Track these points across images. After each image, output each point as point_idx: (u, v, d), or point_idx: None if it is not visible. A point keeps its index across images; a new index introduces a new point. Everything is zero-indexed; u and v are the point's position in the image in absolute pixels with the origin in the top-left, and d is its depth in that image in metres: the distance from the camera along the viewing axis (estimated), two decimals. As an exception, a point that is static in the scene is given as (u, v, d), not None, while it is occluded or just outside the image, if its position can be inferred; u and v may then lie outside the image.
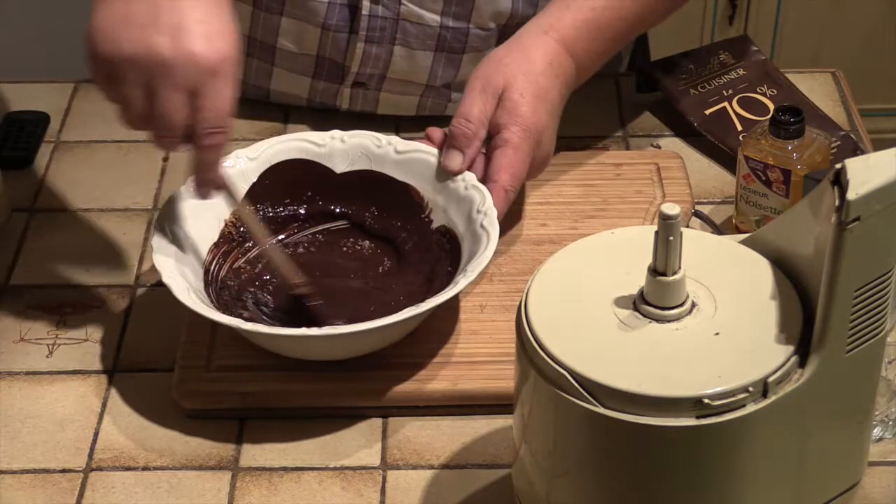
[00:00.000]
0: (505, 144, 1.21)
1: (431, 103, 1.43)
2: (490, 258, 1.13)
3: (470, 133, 1.21)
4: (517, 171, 1.21)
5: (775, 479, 0.92)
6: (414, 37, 1.37)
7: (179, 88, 1.06)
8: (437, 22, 1.37)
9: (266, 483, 1.09)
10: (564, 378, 0.89)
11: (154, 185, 1.38)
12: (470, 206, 1.19)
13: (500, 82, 1.23)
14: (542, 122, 1.23)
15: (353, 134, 1.26)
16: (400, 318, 1.09)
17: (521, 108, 1.21)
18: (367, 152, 1.25)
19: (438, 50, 1.39)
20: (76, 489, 1.09)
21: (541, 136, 1.23)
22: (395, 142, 1.25)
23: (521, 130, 1.21)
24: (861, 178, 0.85)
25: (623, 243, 0.99)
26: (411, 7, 1.36)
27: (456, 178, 1.21)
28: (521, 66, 1.23)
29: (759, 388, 0.88)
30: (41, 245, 1.31)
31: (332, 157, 1.26)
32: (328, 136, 1.26)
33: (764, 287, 0.94)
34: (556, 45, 1.26)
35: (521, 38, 1.27)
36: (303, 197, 1.26)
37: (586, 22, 1.27)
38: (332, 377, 1.15)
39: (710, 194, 1.36)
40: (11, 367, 1.19)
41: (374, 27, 1.36)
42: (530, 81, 1.23)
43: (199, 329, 1.18)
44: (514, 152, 1.21)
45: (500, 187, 1.20)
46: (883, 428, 1.11)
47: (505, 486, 1.07)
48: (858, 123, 1.43)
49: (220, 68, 1.06)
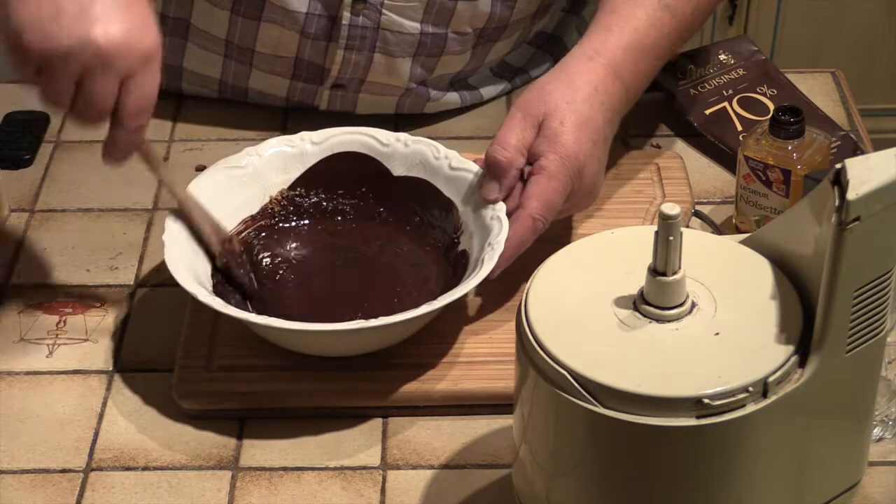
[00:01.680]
0: (540, 172, 1.17)
1: (410, 102, 1.44)
2: (469, 289, 1.12)
3: (505, 162, 1.18)
4: (549, 200, 1.17)
5: (775, 479, 0.92)
6: (394, 45, 1.37)
7: (114, 76, 1.08)
8: (417, 29, 1.36)
9: (266, 483, 1.09)
10: (564, 378, 0.89)
11: (154, 185, 1.37)
12: (487, 235, 1.18)
13: (542, 110, 1.19)
14: (585, 150, 1.18)
15: (415, 140, 1.26)
16: (399, 319, 1.09)
17: (561, 137, 1.17)
18: (425, 161, 1.25)
19: (417, 55, 1.39)
20: (76, 489, 1.09)
21: (582, 165, 1.18)
22: (451, 156, 1.24)
23: (558, 158, 1.17)
24: (861, 178, 0.85)
25: (623, 243, 0.99)
26: (392, 16, 1.35)
27: (488, 206, 1.20)
28: (564, 94, 1.20)
29: (759, 388, 0.88)
30: (41, 245, 1.31)
31: (393, 158, 1.26)
32: (394, 136, 1.26)
33: (764, 287, 0.94)
34: (603, 70, 1.22)
35: (565, 66, 1.23)
36: (357, 192, 1.27)
37: (631, 43, 1.24)
38: (332, 377, 1.15)
39: (710, 194, 1.36)
40: (11, 367, 1.19)
41: (355, 36, 1.36)
42: (573, 109, 1.19)
43: (199, 329, 1.18)
44: (548, 181, 1.17)
45: (527, 214, 1.16)
46: (883, 428, 1.11)
47: (505, 486, 1.07)
48: (858, 123, 1.43)
49: (152, 55, 1.09)
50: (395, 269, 1.23)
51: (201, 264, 1.18)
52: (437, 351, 1.17)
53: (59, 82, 1.07)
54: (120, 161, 1.15)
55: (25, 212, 1.35)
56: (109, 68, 1.07)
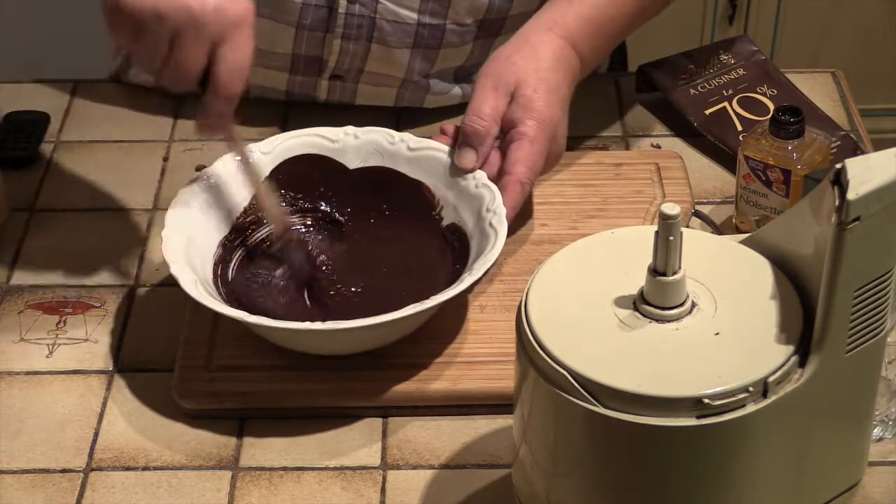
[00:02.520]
0: (521, 138, 1.22)
1: (410, 95, 1.44)
2: (497, 256, 1.13)
3: (482, 130, 1.22)
4: (534, 164, 1.22)
5: (775, 478, 0.92)
6: (391, 35, 1.37)
7: (205, 40, 1.10)
8: (414, 19, 1.37)
9: (266, 483, 1.09)
10: (564, 378, 0.89)
11: (154, 185, 1.38)
12: (480, 204, 1.19)
13: (512, 80, 1.23)
14: (557, 115, 1.24)
15: (366, 130, 1.26)
16: (403, 314, 1.09)
17: (535, 103, 1.22)
18: (380, 149, 1.25)
19: (415, 46, 1.39)
20: (76, 489, 1.09)
21: (555, 130, 1.24)
22: (407, 139, 1.25)
23: (536, 124, 1.22)
24: (861, 178, 0.85)
25: (623, 243, 0.99)
26: (388, 5, 1.36)
27: (467, 176, 1.21)
28: (531, 63, 1.24)
29: (759, 388, 0.88)
30: (41, 245, 1.31)
31: (346, 153, 1.26)
32: (342, 131, 1.26)
33: (764, 287, 0.94)
34: (561, 42, 1.27)
35: (525, 36, 1.28)
36: (316, 192, 1.27)
37: (588, 19, 1.28)
38: (332, 377, 1.15)
39: (710, 194, 1.36)
40: (11, 367, 1.19)
41: (351, 25, 1.37)
42: (541, 78, 1.24)
43: (199, 329, 1.18)
44: (531, 145, 1.21)
45: (515, 180, 1.20)
46: (883, 428, 1.11)
47: (505, 486, 1.07)
48: (858, 123, 1.43)
49: (244, 20, 1.11)
50: (392, 258, 1.23)
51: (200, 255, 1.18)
52: (436, 351, 1.17)
53: (153, 43, 1.09)
54: (213, 133, 1.17)
55: (25, 212, 1.35)
56: (201, 32, 1.09)
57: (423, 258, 1.22)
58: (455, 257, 1.20)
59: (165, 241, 1.15)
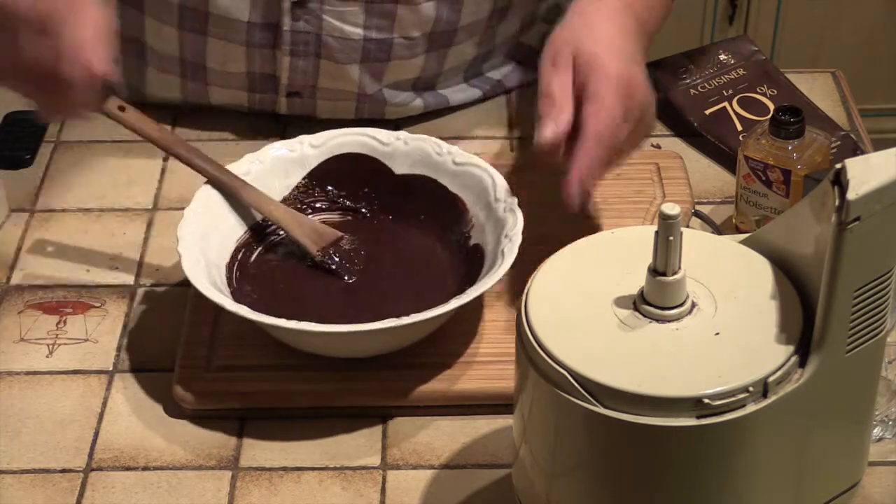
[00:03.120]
0: (590, 97, 1.15)
1: (369, 108, 1.43)
2: (495, 281, 1.13)
3: (553, 107, 1.15)
4: (606, 119, 1.14)
5: (775, 478, 0.92)
6: (338, 51, 1.36)
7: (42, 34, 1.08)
8: (360, 35, 1.36)
9: (266, 483, 1.09)
10: (564, 378, 0.89)
11: (154, 185, 1.38)
12: (502, 228, 1.19)
13: (569, 50, 1.18)
14: (624, 68, 1.17)
15: (416, 137, 1.26)
16: (402, 322, 1.10)
17: (598, 59, 1.16)
18: (427, 157, 1.26)
19: (364, 61, 1.38)
20: (76, 489, 1.09)
21: (628, 83, 1.16)
22: (454, 152, 1.25)
23: (602, 78, 1.15)
24: (861, 178, 0.85)
25: (623, 243, 0.99)
26: (333, 22, 1.34)
27: (498, 199, 1.21)
28: (583, 31, 1.19)
29: (759, 388, 0.88)
30: (41, 245, 1.31)
31: (394, 157, 1.26)
32: (394, 135, 1.27)
33: (764, 287, 0.94)
34: (611, 3, 1.22)
35: (574, 11, 1.23)
36: (359, 192, 1.27)
37: None
38: (332, 377, 1.15)
39: (710, 194, 1.36)
40: (11, 367, 1.19)
41: (298, 42, 1.36)
42: (596, 39, 1.18)
43: (199, 329, 1.19)
44: (599, 101, 1.14)
45: (585, 137, 1.14)
46: (883, 428, 1.11)
47: (505, 486, 1.07)
48: (858, 123, 1.43)
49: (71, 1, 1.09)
50: (409, 267, 1.23)
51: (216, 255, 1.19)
52: (436, 351, 1.17)
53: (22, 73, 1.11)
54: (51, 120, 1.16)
55: (25, 212, 1.35)
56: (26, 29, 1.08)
57: (439, 270, 1.23)
58: (469, 277, 1.19)
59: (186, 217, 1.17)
